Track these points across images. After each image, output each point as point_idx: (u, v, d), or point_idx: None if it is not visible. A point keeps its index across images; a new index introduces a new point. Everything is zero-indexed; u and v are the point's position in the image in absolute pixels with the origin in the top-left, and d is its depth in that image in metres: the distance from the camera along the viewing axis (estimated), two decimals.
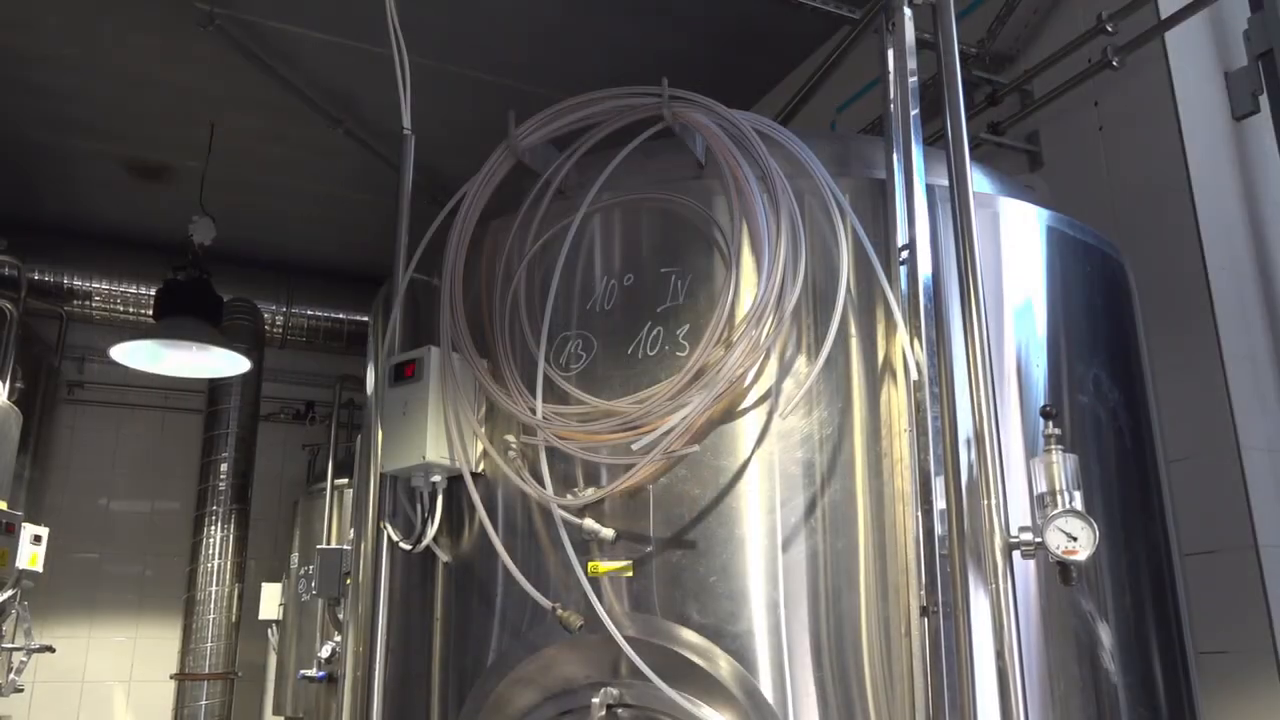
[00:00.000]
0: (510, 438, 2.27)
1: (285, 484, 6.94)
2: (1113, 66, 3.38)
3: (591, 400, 2.18)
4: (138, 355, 5.19)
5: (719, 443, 2.12)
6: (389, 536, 2.42)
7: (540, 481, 2.19)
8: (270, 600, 6.04)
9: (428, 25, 4.57)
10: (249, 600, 6.10)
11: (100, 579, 6.46)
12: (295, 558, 5.98)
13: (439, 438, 2.29)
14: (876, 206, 2.25)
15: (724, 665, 1.99)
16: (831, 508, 2.05)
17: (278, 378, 6.93)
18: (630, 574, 2.09)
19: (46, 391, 6.25)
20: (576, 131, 2.48)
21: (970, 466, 2.02)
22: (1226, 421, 3.03)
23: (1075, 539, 1.92)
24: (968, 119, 3.69)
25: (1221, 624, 2.93)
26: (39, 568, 5.19)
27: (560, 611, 2.06)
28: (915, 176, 2.17)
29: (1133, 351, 2.63)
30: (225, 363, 5.33)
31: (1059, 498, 1.99)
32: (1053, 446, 2.05)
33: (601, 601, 2.06)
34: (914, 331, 2.09)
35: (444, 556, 2.37)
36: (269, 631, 6.16)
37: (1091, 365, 2.42)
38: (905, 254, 2.16)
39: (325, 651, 5.14)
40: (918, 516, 1.99)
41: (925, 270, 2.13)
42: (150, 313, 5.72)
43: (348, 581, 3.03)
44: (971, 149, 3.63)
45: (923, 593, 1.95)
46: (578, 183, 2.46)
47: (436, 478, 2.34)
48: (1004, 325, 2.28)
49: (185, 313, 5.00)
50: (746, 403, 2.13)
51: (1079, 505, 1.98)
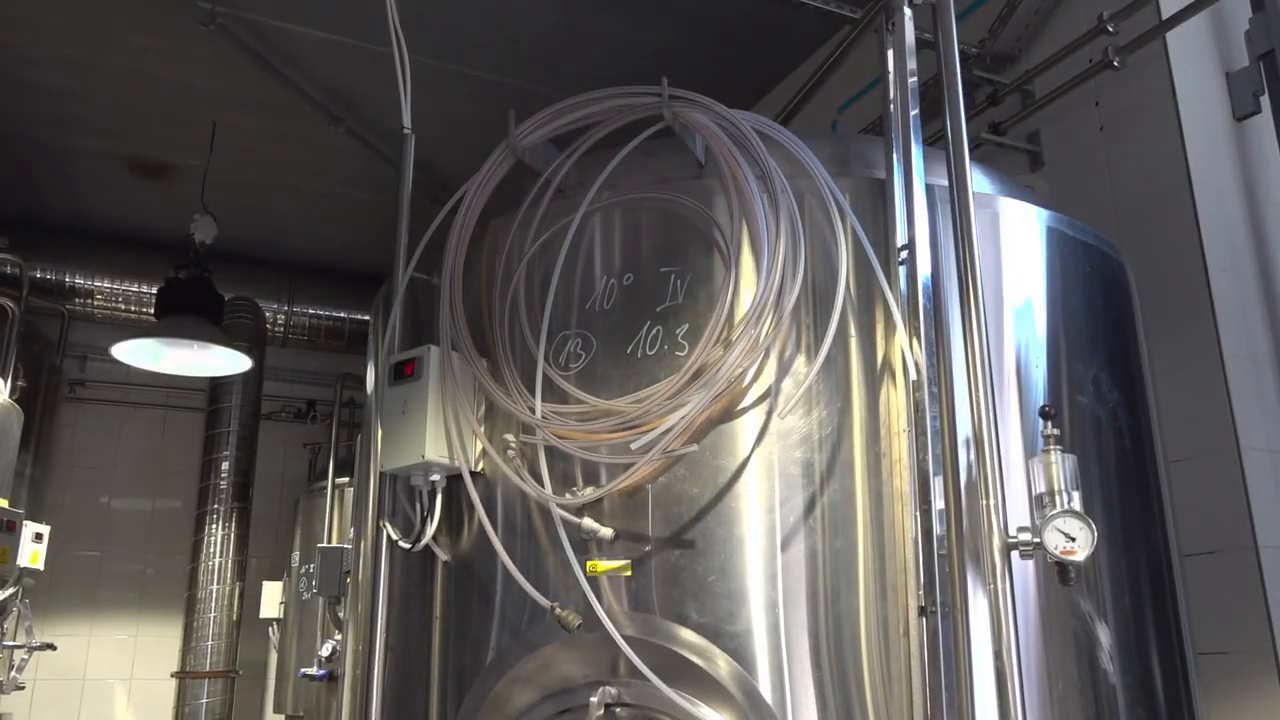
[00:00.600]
0: (509, 437, 2.27)
1: (286, 483, 6.94)
2: (1114, 67, 3.38)
3: (590, 399, 2.18)
4: (139, 353, 5.20)
5: (718, 442, 2.12)
6: (388, 535, 2.42)
7: (539, 481, 2.19)
8: (271, 599, 6.04)
9: (428, 24, 4.58)
10: (250, 599, 6.11)
11: (101, 577, 6.47)
12: (296, 556, 5.99)
13: (438, 437, 2.30)
14: (876, 206, 2.25)
15: (722, 665, 1.99)
16: (830, 507, 2.05)
17: (279, 376, 6.94)
18: (629, 573, 2.10)
19: (48, 389, 6.25)
20: (576, 131, 2.48)
21: (969, 467, 2.02)
22: (1226, 422, 3.02)
23: (1074, 539, 1.92)
24: (969, 119, 3.68)
25: (1221, 625, 2.93)
26: (40, 566, 5.20)
27: (559, 611, 2.06)
28: (915, 177, 2.17)
29: (1133, 352, 2.62)
30: (226, 361, 5.33)
31: (1057, 498, 1.99)
32: (1051, 447, 2.05)
33: (600, 601, 2.06)
34: (913, 331, 2.09)
35: (443, 555, 2.37)
36: (270, 630, 6.16)
37: (1091, 366, 2.42)
38: (905, 254, 2.16)
39: (326, 650, 5.14)
40: (916, 517, 1.99)
41: (925, 270, 2.12)
42: (152, 311, 5.73)
43: (348, 580, 3.04)
44: (972, 149, 3.63)
45: (921, 593, 1.95)
46: (577, 182, 2.46)
47: (436, 477, 2.34)
48: (1003, 325, 2.28)
49: (187, 311, 5.01)
50: (746, 402, 2.13)
51: (1077, 506, 1.98)
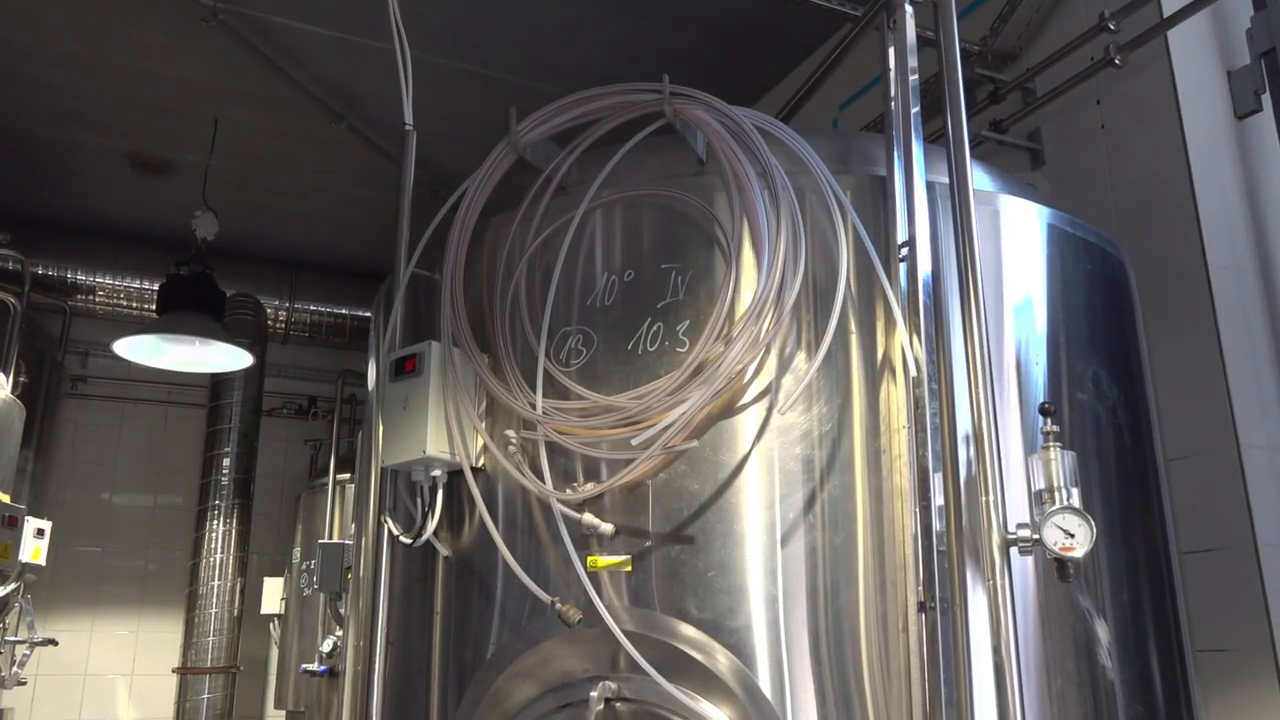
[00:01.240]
0: (510, 433, 2.28)
1: (287, 479, 6.95)
2: (1115, 64, 3.38)
3: (591, 395, 2.18)
4: (140, 350, 5.21)
5: (718, 438, 2.12)
6: (390, 530, 2.43)
7: (540, 476, 2.19)
8: (272, 595, 6.05)
9: (430, 21, 4.58)
10: (251, 595, 6.12)
11: (103, 573, 6.48)
12: (297, 552, 6.00)
13: (439, 432, 2.30)
14: (877, 203, 2.25)
15: (722, 660, 2.00)
16: (830, 503, 2.06)
17: (280, 373, 6.94)
18: (629, 569, 2.10)
19: (50, 385, 6.26)
20: (578, 127, 2.48)
21: (969, 463, 2.02)
22: (1227, 420, 3.03)
23: (1072, 536, 1.93)
24: (970, 117, 3.69)
25: (1220, 622, 2.94)
26: (42, 561, 5.20)
27: (559, 606, 2.07)
28: (915, 174, 2.18)
29: (1132, 349, 2.63)
30: (228, 357, 5.34)
31: (1057, 494, 2.00)
32: (1051, 444, 2.06)
33: (600, 596, 2.06)
34: (913, 328, 2.09)
35: (444, 550, 2.38)
36: (271, 626, 6.17)
37: (1091, 363, 2.42)
38: (905, 251, 2.17)
39: (327, 646, 5.15)
40: (916, 513, 2.00)
41: (925, 267, 2.13)
42: (153, 308, 5.74)
43: (349, 576, 3.04)
44: (973, 147, 3.64)
45: (920, 588, 1.95)
46: (579, 179, 2.46)
47: (437, 472, 2.34)
48: (1004, 322, 2.29)
49: (188, 307, 5.02)
50: (746, 398, 2.14)
51: (1076, 502, 1.99)
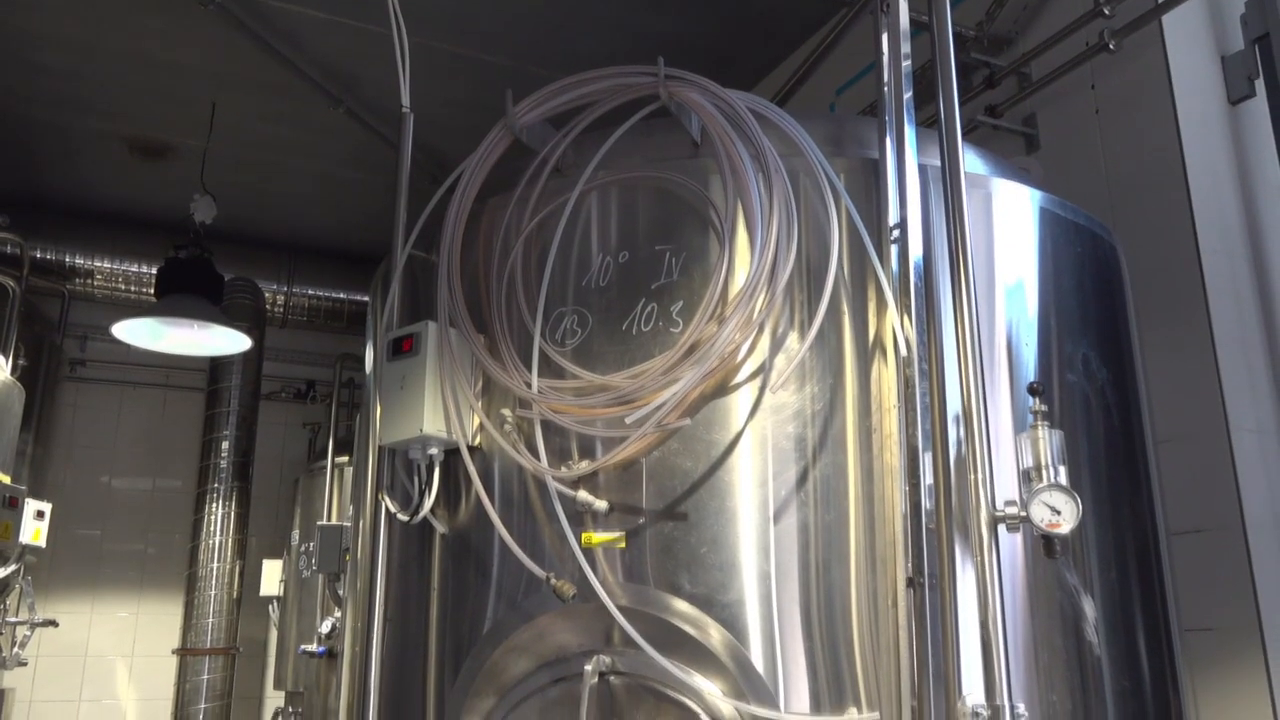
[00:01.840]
0: (506, 411, 2.31)
1: (286, 462, 6.98)
2: (1110, 50, 3.39)
3: (586, 375, 2.21)
4: (139, 333, 5.22)
5: (712, 417, 2.15)
6: (387, 508, 2.46)
7: (536, 455, 2.22)
8: (271, 577, 6.09)
9: (428, 5, 4.59)
10: (250, 577, 6.16)
11: (102, 555, 6.52)
12: (296, 535, 6.03)
13: (436, 411, 2.33)
14: (870, 186, 2.27)
15: (715, 634, 2.03)
16: (822, 481, 2.09)
17: (278, 357, 6.96)
18: (623, 545, 2.13)
19: (49, 369, 6.28)
20: (574, 110, 2.51)
21: (959, 442, 2.05)
22: (1216, 403, 3.05)
23: (1059, 513, 1.96)
24: (965, 101, 3.71)
25: (1207, 602, 2.97)
26: (42, 543, 5.24)
27: (554, 581, 2.10)
28: (907, 155, 2.20)
29: (1123, 332, 2.66)
30: (226, 341, 5.36)
31: (1044, 472, 2.03)
32: (1039, 423, 2.09)
33: (595, 572, 2.10)
34: (904, 309, 2.11)
35: (441, 528, 2.41)
36: (270, 608, 6.21)
37: (1081, 345, 2.45)
38: (897, 233, 2.19)
39: (325, 627, 5.19)
40: (905, 491, 2.03)
41: (916, 249, 2.15)
42: (152, 291, 5.76)
43: (347, 558, 3.07)
44: (968, 131, 3.66)
45: (909, 565, 1.98)
46: (574, 161, 2.48)
47: (433, 450, 2.37)
48: (995, 303, 2.31)
49: (186, 291, 5.03)
50: (739, 378, 2.16)
51: (1063, 480, 2.02)
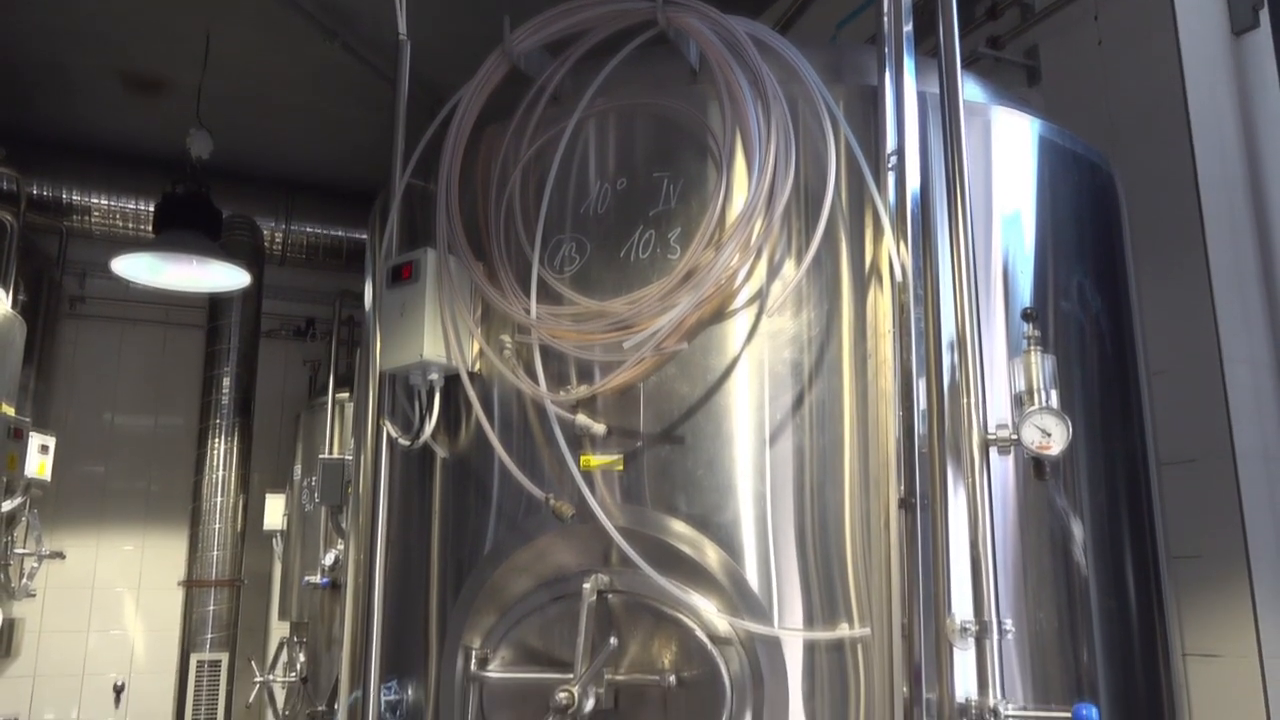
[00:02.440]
0: (505, 337, 2.33)
1: (287, 400, 7.03)
2: None
3: (584, 301, 2.23)
4: (138, 268, 5.22)
5: (709, 342, 2.18)
6: (388, 433, 2.49)
7: (535, 380, 2.25)
8: (274, 511, 6.17)
9: None
10: (253, 512, 6.23)
11: (107, 491, 6.59)
12: (298, 470, 6.10)
13: (436, 337, 2.35)
14: (868, 114, 2.27)
15: (711, 554, 2.08)
16: (817, 405, 2.12)
17: (278, 295, 6.96)
18: (621, 468, 2.17)
19: (49, 305, 6.29)
20: (571, 37, 2.49)
21: (953, 368, 2.08)
22: (1210, 334, 3.08)
23: (1049, 434, 2.00)
24: (967, 33, 3.68)
25: (1195, 530, 3.03)
26: (47, 477, 5.31)
27: (553, 502, 2.14)
28: (906, 81, 2.19)
29: (1118, 262, 2.67)
30: (225, 276, 5.36)
31: (1036, 396, 2.07)
32: (1032, 347, 2.12)
33: (593, 494, 2.13)
34: (900, 235, 2.13)
35: (442, 453, 2.45)
36: (273, 542, 6.30)
37: (1076, 273, 2.46)
38: (894, 160, 2.19)
39: (328, 559, 5.27)
40: (899, 415, 2.05)
41: (913, 175, 2.16)
42: (150, 228, 5.74)
43: (349, 490, 3.12)
44: (970, 63, 3.63)
45: (902, 487, 2.02)
46: (572, 89, 2.47)
47: (434, 376, 2.40)
48: (991, 231, 2.32)
49: (184, 226, 5.02)
50: (736, 304, 2.18)
51: (1055, 403, 2.05)
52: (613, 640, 2.08)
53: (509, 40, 2.47)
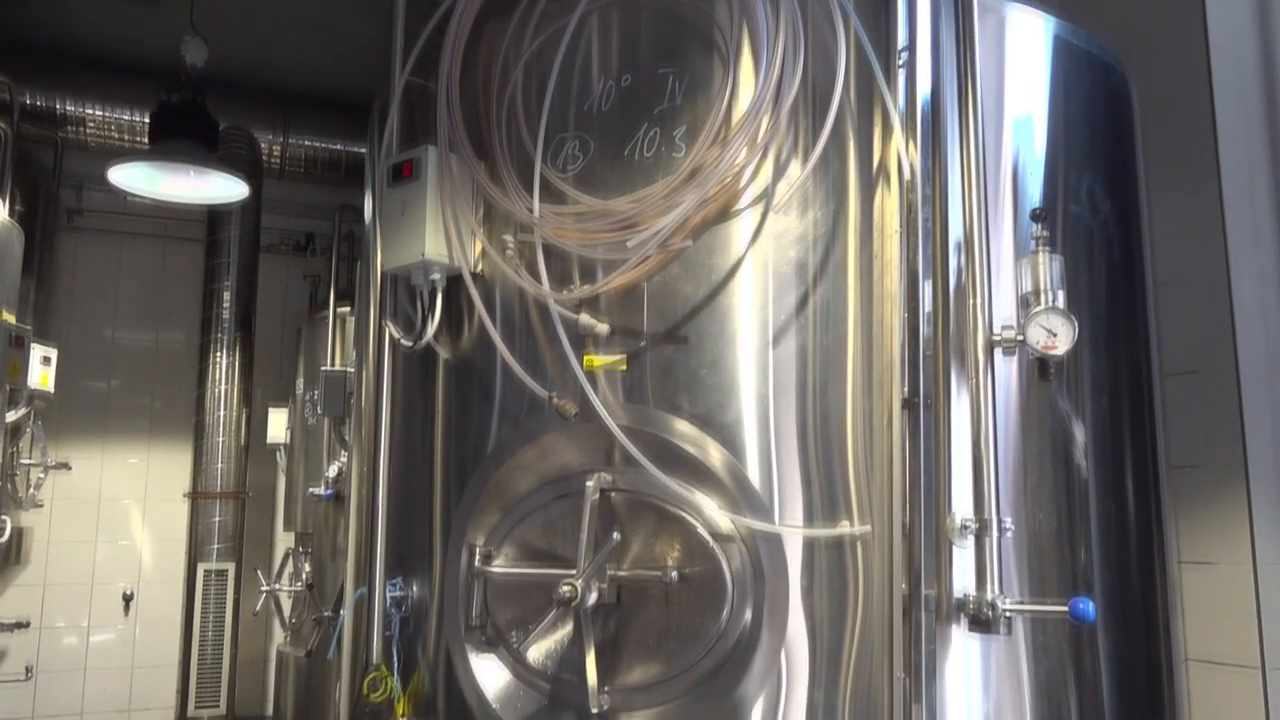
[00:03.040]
0: (508, 236, 2.31)
1: (288, 314, 6.99)
2: None
3: (588, 200, 2.20)
4: (134, 178, 5.15)
5: (713, 242, 2.15)
6: (391, 335, 2.48)
7: (538, 279, 2.23)
8: (277, 424, 6.19)
9: None
10: (256, 425, 6.26)
11: (110, 408, 6.61)
12: (300, 383, 6.10)
13: (437, 236, 2.33)
14: (879, 9, 2.21)
15: (713, 452, 2.08)
16: (822, 306, 2.10)
17: (277, 209, 6.88)
18: (624, 367, 2.16)
19: (46, 217, 6.22)
20: None
21: (959, 269, 2.06)
22: (1219, 246, 3.05)
23: (1055, 334, 1.99)
24: None
25: (1196, 440, 3.04)
26: (50, 389, 5.32)
27: (557, 400, 2.14)
28: None
29: (1130, 167, 2.63)
30: (223, 187, 5.28)
31: (1042, 296, 2.05)
32: (1040, 248, 2.09)
33: (596, 393, 2.13)
34: (910, 134, 2.09)
35: (444, 353, 2.44)
36: (277, 454, 6.34)
37: (1086, 177, 2.43)
38: (905, 56, 2.14)
39: (332, 471, 5.30)
40: (904, 316, 2.04)
41: (924, 72, 2.11)
42: (146, 140, 5.65)
43: (352, 402, 3.12)
44: None
45: (906, 387, 2.01)
46: None
47: (435, 275, 2.38)
48: (1002, 130, 2.28)
49: (181, 136, 4.94)
50: (741, 204, 2.15)
51: (1061, 303, 2.04)
52: (615, 535, 2.10)
53: None
